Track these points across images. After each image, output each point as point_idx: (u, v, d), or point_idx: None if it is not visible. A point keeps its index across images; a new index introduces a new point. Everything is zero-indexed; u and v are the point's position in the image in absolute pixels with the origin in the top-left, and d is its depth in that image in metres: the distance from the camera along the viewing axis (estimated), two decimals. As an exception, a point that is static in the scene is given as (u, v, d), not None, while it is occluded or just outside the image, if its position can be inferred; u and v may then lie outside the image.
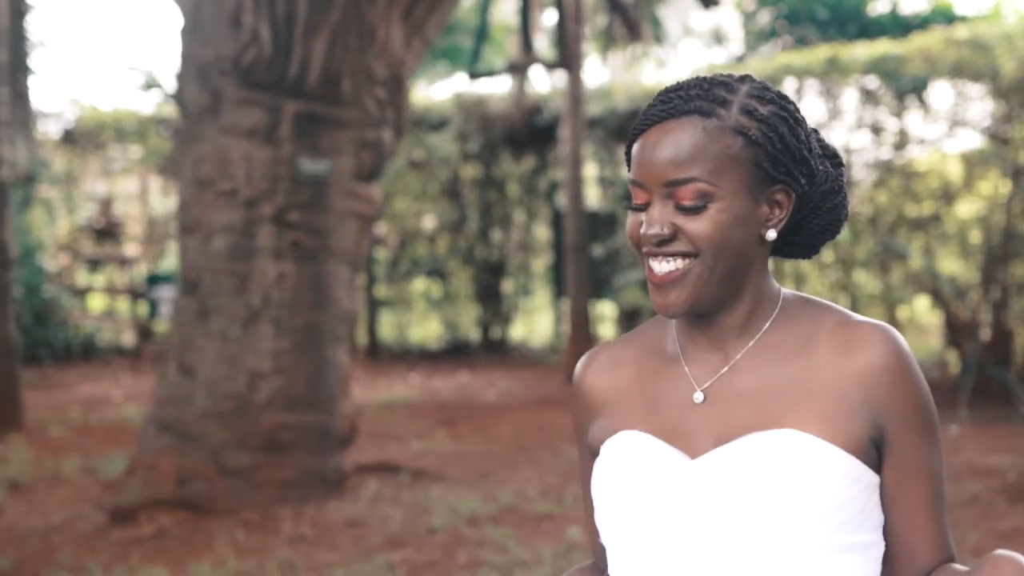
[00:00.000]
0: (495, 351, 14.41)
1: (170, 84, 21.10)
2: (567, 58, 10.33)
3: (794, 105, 1.82)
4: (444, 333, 14.82)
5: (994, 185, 10.22)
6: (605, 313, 13.96)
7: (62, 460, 8.44)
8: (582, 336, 12.02)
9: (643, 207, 1.77)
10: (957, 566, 1.80)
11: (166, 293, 13.95)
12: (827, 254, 11.17)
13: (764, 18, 13.83)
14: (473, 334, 14.71)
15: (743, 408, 1.79)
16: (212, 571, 5.76)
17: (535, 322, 15.24)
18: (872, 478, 1.77)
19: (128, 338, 15.09)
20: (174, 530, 6.43)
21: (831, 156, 1.90)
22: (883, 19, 13.65)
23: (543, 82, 15.13)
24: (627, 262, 13.08)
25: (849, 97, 10.96)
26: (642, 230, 1.77)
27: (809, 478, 1.71)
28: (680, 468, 1.78)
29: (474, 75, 12.35)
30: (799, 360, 1.80)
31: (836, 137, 11.27)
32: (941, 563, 1.83)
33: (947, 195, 10.45)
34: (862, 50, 10.71)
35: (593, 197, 13.51)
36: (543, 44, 13.88)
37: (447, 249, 14.45)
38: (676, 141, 1.73)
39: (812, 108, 11.40)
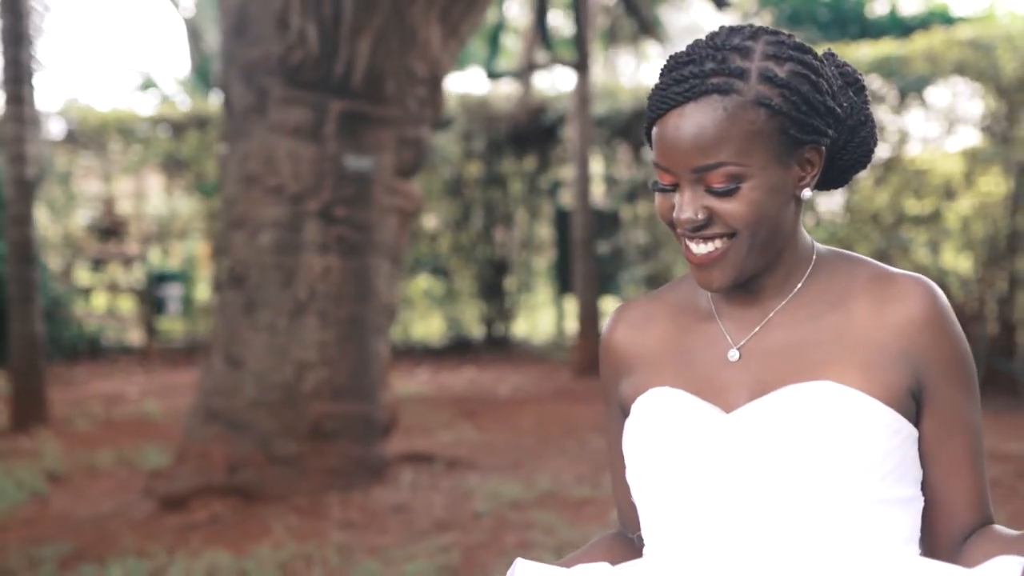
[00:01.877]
0: (498, 348, 14.62)
1: (167, 85, 21.23)
2: (583, 58, 10.56)
3: (812, 53, 1.77)
4: (447, 330, 15.02)
5: (995, 182, 10.49)
6: (609, 309, 14.17)
7: (94, 453, 8.60)
8: (591, 332, 12.26)
9: (671, 188, 1.75)
10: (1001, 528, 1.78)
11: (173, 291, 14.12)
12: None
13: (766, 19, 14.16)
14: (476, 331, 14.92)
15: (779, 362, 1.77)
16: (272, 554, 5.95)
17: (537, 319, 15.46)
18: (911, 431, 1.75)
19: (133, 336, 15.23)
20: (227, 516, 6.61)
21: (852, 83, 1.85)
22: (883, 20, 13.98)
23: (547, 82, 15.38)
24: (631, 259, 13.33)
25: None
26: (675, 214, 1.74)
27: (847, 429, 1.69)
28: (715, 423, 1.76)
29: (492, 75, 12.57)
30: (836, 314, 1.78)
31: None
32: (981, 523, 1.80)
33: (948, 192, 10.72)
34: (866, 50, 10.98)
35: (597, 195, 13.73)
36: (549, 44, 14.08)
37: (449, 247, 14.64)
38: (698, 126, 1.68)
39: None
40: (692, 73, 1.70)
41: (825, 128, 1.75)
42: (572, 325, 14.87)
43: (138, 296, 14.73)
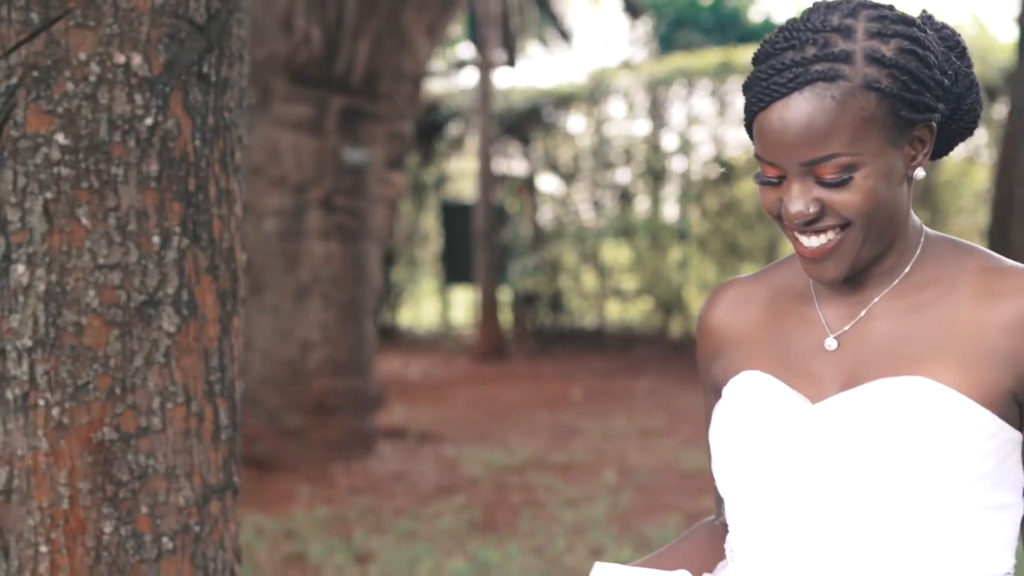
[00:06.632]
0: (385, 337, 15.11)
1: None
2: (512, 56, 11.21)
3: (915, 24, 1.65)
4: (333, 320, 15.45)
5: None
6: (500, 299, 14.82)
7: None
8: (491, 320, 12.92)
9: (777, 181, 1.65)
10: None
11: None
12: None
13: (651, 23, 15.03)
14: (362, 321, 15.38)
15: (875, 354, 1.69)
16: (308, 516, 6.44)
17: (422, 309, 16.02)
18: (1011, 435, 1.64)
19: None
20: (243, 485, 7.05)
21: (954, 47, 1.71)
22: (760, 26, 15.04)
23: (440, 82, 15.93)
24: (520, 251, 14.01)
25: (740, 97, 12.15)
26: (784, 208, 1.64)
27: (938, 429, 1.60)
28: (800, 412, 1.69)
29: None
30: (940, 306, 1.68)
31: (726, 132, 12.50)
32: None
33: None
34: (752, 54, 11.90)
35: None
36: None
37: (336, 240, 15.07)
38: (807, 117, 1.58)
39: (703, 107, 12.62)
40: (793, 61, 1.58)
41: (935, 103, 1.64)
42: (458, 315, 15.50)
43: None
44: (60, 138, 2.21)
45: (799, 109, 1.58)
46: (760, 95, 1.60)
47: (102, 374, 2.26)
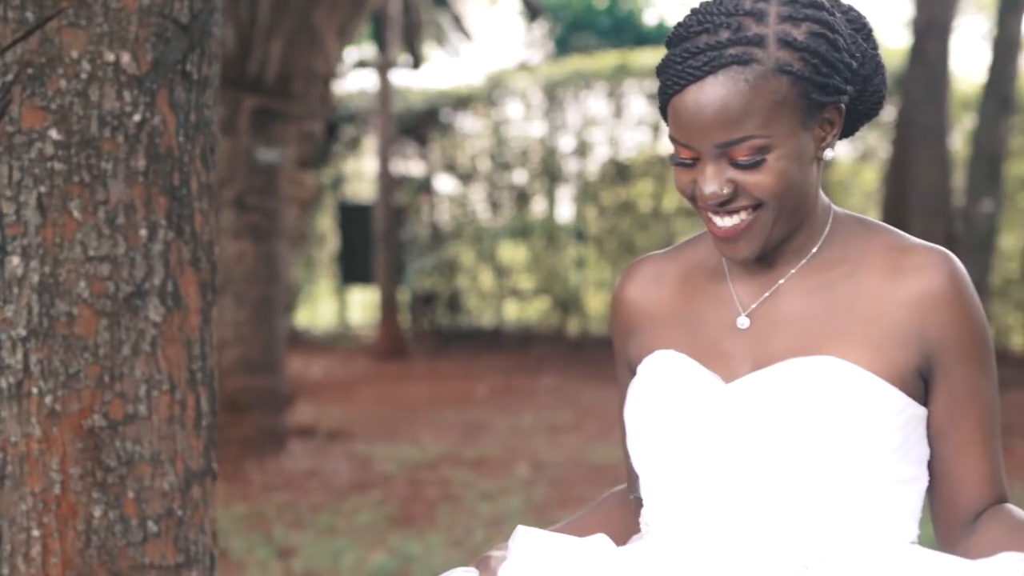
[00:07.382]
0: (282, 337, 15.11)
1: None
2: (416, 58, 11.31)
3: (825, 7, 1.69)
4: (229, 321, 15.39)
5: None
6: (399, 298, 14.90)
7: None
8: (391, 319, 13.00)
9: (691, 162, 1.68)
10: (1014, 511, 1.72)
11: None
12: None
13: (547, 25, 15.27)
14: (258, 322, 15.35)
15: (786, 333, 1.73)
16: (227, 513, 6.47)
17: (318, 309, 16.03)
18: (917, 411, 1.70)
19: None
20: (158, 485, 7.06)
21: (860, 29, 1.77)
22: (656, 29, 15.35)
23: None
24: (418, 251, 14.11)
25: (636, 99, 12.41)
26: (698, 189, 1.68)
27: (847, 408, 1.65)
28: (714, 392, 1.72)
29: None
30: (848, 283, 1.73)
31: (622, 133, 12.73)
32: (994, 501, 1.74)
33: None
34: (649, 57, 12.15)
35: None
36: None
37: (231, 241, 15.02)
38: (721, 100, 1.61)
39: (599, 108, 12.84)
40: (708, 44, 1.62)
41: (844, 85, 1.68)
42: (355, 315, 15.53)
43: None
44: (53, 134, 2.28)
45: (713, 92, 1.61)
46: (675, 78, 1.64)
47: (92, 363, 2.33)
